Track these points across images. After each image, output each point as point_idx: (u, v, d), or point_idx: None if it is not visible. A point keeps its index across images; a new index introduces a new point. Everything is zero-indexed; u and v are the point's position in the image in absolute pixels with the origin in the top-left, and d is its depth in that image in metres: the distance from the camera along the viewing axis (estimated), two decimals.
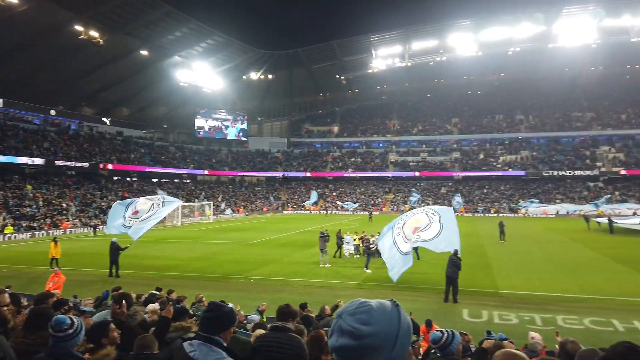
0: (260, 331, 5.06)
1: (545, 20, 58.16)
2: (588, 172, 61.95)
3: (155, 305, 6.95)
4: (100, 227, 40.98)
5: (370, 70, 70.83)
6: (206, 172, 68.55)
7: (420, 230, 15.56)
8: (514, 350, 2.14)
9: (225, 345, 2.73)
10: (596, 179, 62.18)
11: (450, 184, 68.48)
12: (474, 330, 10.38)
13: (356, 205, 60.55)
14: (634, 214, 48.32)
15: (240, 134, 78.77)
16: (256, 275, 18.78)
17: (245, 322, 8.79)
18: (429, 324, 9.26)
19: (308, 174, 73.53)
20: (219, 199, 62.71)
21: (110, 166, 53.40)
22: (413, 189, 62.74)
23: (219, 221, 51.05)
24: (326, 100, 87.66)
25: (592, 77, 74.55)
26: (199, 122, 73.77)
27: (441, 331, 4.07)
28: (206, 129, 74.52)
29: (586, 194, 59.68)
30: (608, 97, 73.60)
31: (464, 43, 63.51)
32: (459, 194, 55.54)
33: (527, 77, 77.21)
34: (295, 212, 65.05)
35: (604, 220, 37.19)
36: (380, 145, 78.67)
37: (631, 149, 64.34)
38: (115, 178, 56.95)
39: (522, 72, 75.89)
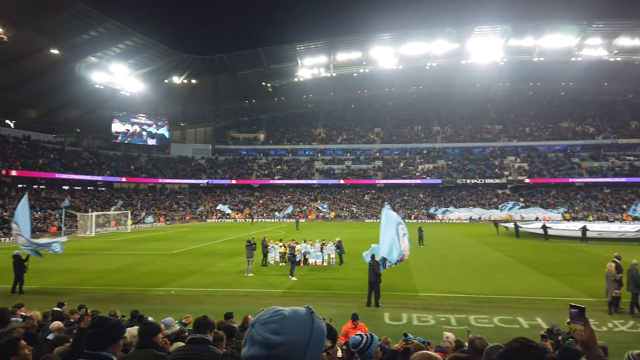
0: (178, 344, 4.87)
1: (458, 37, 62.16)
2: (497, 180, 66.87)
3: (59, 323, 6.54)
4: (3, 238, 37.48)
5: (296, 79, 71.42)
6: (124, 179, 65.05)
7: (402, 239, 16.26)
8: (430, 352, 2.25)
9: (114, 359, 2.63)
10: (504, 187, 67.23)
11: (373, 191, 70.63)
12: (394, 333, 10.76)
13: (289, 211, 60.57)
14: (537, 219, 52.83)
15: (162, 140, 75.80)
16: (177, 286, 18.09)
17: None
18: (355, 318, 9.75)
19: (233, 182, 72.30)
20: (138, 207, 59.79)
21: (14, 172, 48.92)
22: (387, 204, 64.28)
23: (138, 231, 48.61)
24: (252, 107, 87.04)
25: (500, 93, 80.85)
26: (117, 126, 69.93)
27: (360, 335, 4.17)
28: (124, 134, 70.82)
29: (495, 200, 64.23)
30: (514, 111, 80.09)
31: (385, 56, 66.09)
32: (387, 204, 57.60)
33: (443, 90, 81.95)
34: (220, 220, 63.61)
35: (511, 225, 40.25)
36: (307, 153, 79.43)
37: (534, 159, 70.44)
38: (20, 185, 52.33)
39: (438, 86, 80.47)
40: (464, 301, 15.23)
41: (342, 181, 70.84)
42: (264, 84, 75.13)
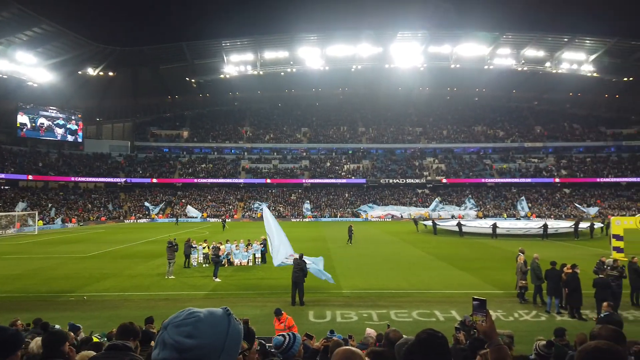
0: (88, 353, 4.55)
1: (382, 41, 64.32)
2: (417, 180, 70.06)
3: None
4: None
5: (222, 76, 69.96)
6: (30, 177, 60.01)
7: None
8: (351, 348, 2.28)
9: None
10: (423, 187, 70.55)
11: (300, 190, 71.02)
12: (318, 330, 10.87)
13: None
14: (453, 216, 55.99)
15: (75, 136, 70.75)
16: (91, 291, 17.00)
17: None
18: (278, 313, 9.86)
19: (154, 180, 69.23)
20: (48, 208, 55.44)
21: None
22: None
23: (47, 232, 45.04)
24: (175, 103, 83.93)
25: (421, 96, 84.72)
26: (23, 119, 64.15)
27: (283, 335, 4.17)
28: (32, 127, 65.18)
29: (415, 199, 67.24)
30: (433, 114, 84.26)
31: (312, 57, 66.74)
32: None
33: (368, 92, 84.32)
34: (139, 221, 60.69)
35: (429, 222, 42.32)
36: (233, 151, 78.10)
37: (450, 161, 74.66)
38: None
39: (364, 88, 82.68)
40: (385, 297, 15.75)
41: (269, 180, 70.49)
42: (187, 79, 72.81)
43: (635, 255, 15.86)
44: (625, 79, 70.69)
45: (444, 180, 69.88)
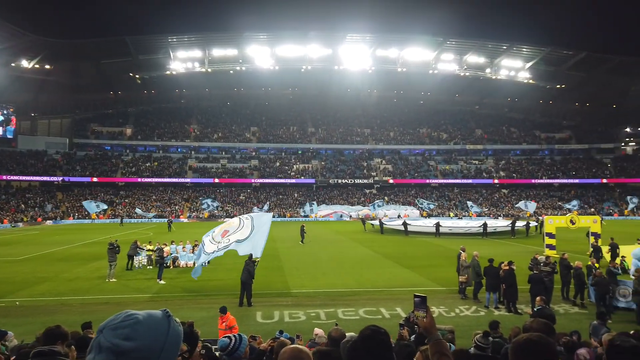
0: None
1: (332, 43, 64.97)
2: (365, 181, 71.27)
3: None
4: None
5: (168, 72, 68.00)
6: None
7: (230, 234, 15.87)
8: (299, 346, 2.30)
9: None
10: (371, 187, 71.86)
11: (249, 190, 70.28)
12: (265, 331, 10.84)
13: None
14: (399, 216, 57.40)
15: (6, 131, 66.24)
16: (24, 296, 16.02)
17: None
18: (223, 311, 9.88)
19: (95, 179, 66.11)
20: None
21: None
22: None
23: None
24: (118, 99, 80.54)
25: (369, 98, 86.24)
26: None
27: (228, 337, 4.13)
28: None
29: (363, 199, 68.35)
30: (380, 116, 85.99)
31: (261, 56, 66.28)
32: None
33: (318, 93, 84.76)
34: (78, 221, 57.78)
35: (376, 222, 43.17)
36: (179, 150, 76.04)
37: (397, 162, 76.53)
38: None
39: (313, 89, 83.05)
40: (333, 296, 15.92)
41: (217, 180, 69.22)
42: (132, 75, 70.14)
43: (566, 252, 16.97)
44: (558, 86, 75.43)
45: (391, 181, 71.54)
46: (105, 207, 56.12)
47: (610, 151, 78.64)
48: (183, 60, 65.99)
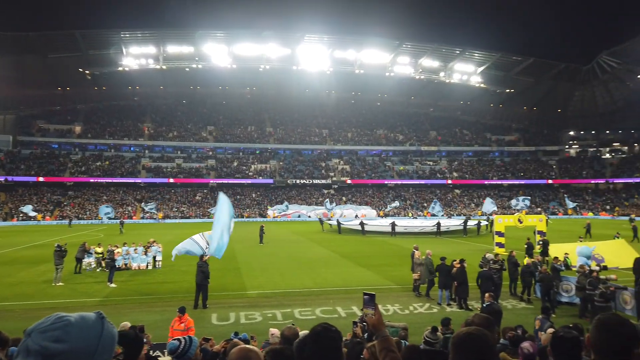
0: None
1: (290, 43, 64.89)
2: (323, 181, 71.63)
3: None
4: None
5: (120, 68, 65.77)
6: None
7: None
8: (247, 346, 2.28)
9: None
10: (329, 187, 72.30)
11: (205, 190, 69.04)
12: (221, 333, 10.68)
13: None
14: (356, 216, 58.01)
15: None
16: None
17: None
18: (182, 311, 9.75)
19: (41, 179, 62.97)
20: None
21: None
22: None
23: None
24: (67, 95, 76.94)
25: (327, 99, 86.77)
26: None
27: (178, 339, 4.04)
28: None
29: (321, 200, 68.60)
30: (338, 117, 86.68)
31: (219, 54, 65.32)
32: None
33: (276, 93, 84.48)
34: (22, 223, 54.84)
35: (334, 222, 43.46)
36: (132, 149, 73.69)
37: (355, 163, 77.38)
38: None
39: (272, 88, 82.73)
40: (290, 296, 15.91)
41: (171, 180, 67.58)
42: (81, 70, 67.29)
43: (514, 250, 17.71)
44: (508, 90, 78.62)
45: (349, 181, 72.24)
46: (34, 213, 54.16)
47: (555, 153, 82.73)
48: (136, 56, 64.03)
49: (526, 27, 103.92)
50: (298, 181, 70.89)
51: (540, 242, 23.35)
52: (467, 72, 72.59)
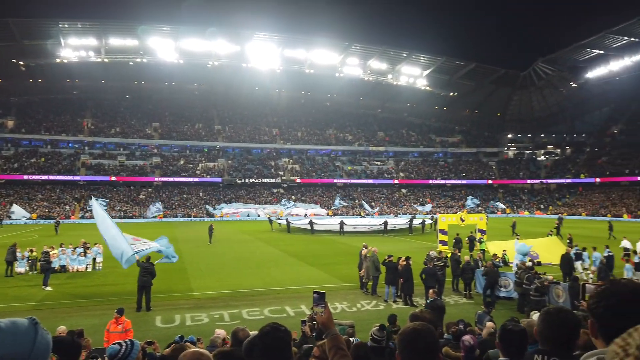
0: None
1: (239, 40, 63.98)
2: (273, 180, 71.25)
3: None
4: None
5: (58, 60, 62.27)
6: None
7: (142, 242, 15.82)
8: (199, 350, 2.22)
9: None
10: (279, 186, 72.02)
11: (150, 189, 66.79)
12: (165, 336, 10.37)
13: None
14: (305, 215, 58.12)
15: None
16: None
17: None
18: (120, 312, 9.58)
19: None
20: None
21: None
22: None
23: None
24: None
25: (278, 98, 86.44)
26: None
27: (119, 344, 3.87)
28: None
29: (271, 199, 68.28)
30: (288, 116, 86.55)
31: (165, 48, 63.36)
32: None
33: (225, 90, 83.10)
34: None
35: (283, 221, 43.35)
36: (70, 145, 69.96)
37: (304, 162, 77.56)
38: None
39: (220, 85, 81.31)
40: (238, 296, 15.70)
41: (114, 178, 64.83)
42: (14, 61, 63.13)
43: (457, 248, 18.38)
44: (451, 94, 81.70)
45: (298, 180, 72.29)
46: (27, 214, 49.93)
47: (495, 155, 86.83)
48: (76, 48, 60.87)
49: (469, 33, 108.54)
50: (247, 180, 70.09)
51: (467, 239, 25.17)
52: (414, 75, 74.62)
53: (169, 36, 62.15)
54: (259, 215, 60.95)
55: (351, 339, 6.62)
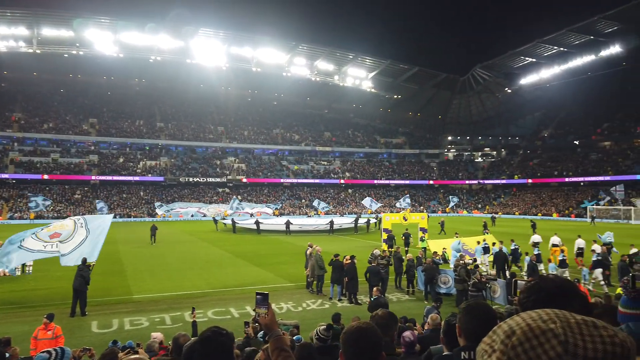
0: None
1: (183, 36, 62.21)
2: (218, 179, 69.93)
3: None
4: None
5: None
6: None
7: (61, 239, 14.76)
8: (140, 357, 2.13)
9: None
10: (224, 185, 70.82)
11: (86, 188, 63.53)
12: (102, 341, 9.93)
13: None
14: (252, 215, 57.53)
15: None
16: None
17: None
18: (51, 317, 9.29)
19: None
20: None
21: None
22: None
23: None
24: None
25: (223, 96, 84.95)
26: None
27: (48, 352, 3.65)
28: None
29: (216, 198, 67.02)
30: (234, 114, 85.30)
31: (103, 41, 60.49)
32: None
33: (168, 86, 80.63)
34: None
35: (229, 221, 42.70)
36: None
37: (251, 161, 76.74)
38: None
39: (163, 81, 78.77)
40: (181, 299, 15.27)
41: (46, 176, 61.06)
42: None
43: (399, 246, 18.88)
44: (395, 96, 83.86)
45: (245, 180, 71.40)
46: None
47: (436, 156, 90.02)
48: (4, 37, 56.83)
49: (414, 38, 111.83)
50: (191, 179, 68.35)
51: (403, 236, 26.41)
52: (360, 76, 75.85)
53: (107, 28, 59.42)
54: (204, 215, 59.65)
55: (299, 337, 6.63)
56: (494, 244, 20.94)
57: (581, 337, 0.83)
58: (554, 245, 20.94)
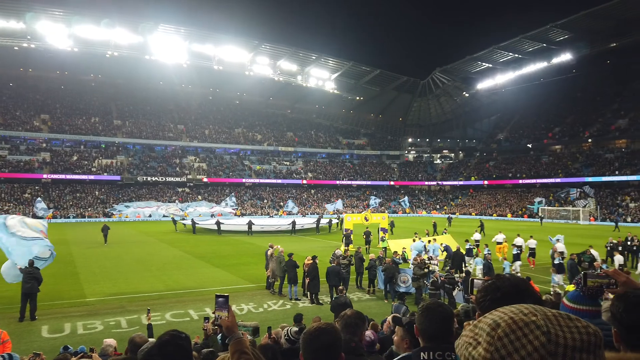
0: None
1: (142, 31, 60.45)
2: (177, 179, 68.47)
3: None
4: None
5: None
6: None
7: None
8: None
9: None
10: (184, 185, 69.41)
11: (37, 187, 60.70)
12: (53, 346, 9.55)
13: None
14: (212, 215, 56.64)
15: None
16: None
17: None
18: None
19: None
20: None
21: None
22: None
23: None
24: None
25: (183, 94, 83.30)
26: None
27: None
28: None
29: (175, 198, 65.54)
30: (195, 113, 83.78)
31: (56, 34, 57.92)
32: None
33: (125, 83, 78.25)
34: None
35: (188, 221, 41.90)
36: None
37: (212, 160, 75.54)
38: None
39: (120, 78, 76.41)
40: (137, 301, 14.85)
41: None
42: None
43: (361, 246, 19.08)
44: (358, 98, 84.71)
45: (205, 179, 70.22)
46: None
47: (397, 157, 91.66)
48: None
49: (376, 41, 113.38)
50: (149, 178, 66.57)
51: (364, 235, 27.11)
52: (323, 77, 76.11)
53: (61, 21, 56.97)
54: (164, 216, 58.13)
55: (252, 337, 6.57)
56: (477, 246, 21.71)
57: (560, 328, 0.92)
58: (499, 243, 21.86)
